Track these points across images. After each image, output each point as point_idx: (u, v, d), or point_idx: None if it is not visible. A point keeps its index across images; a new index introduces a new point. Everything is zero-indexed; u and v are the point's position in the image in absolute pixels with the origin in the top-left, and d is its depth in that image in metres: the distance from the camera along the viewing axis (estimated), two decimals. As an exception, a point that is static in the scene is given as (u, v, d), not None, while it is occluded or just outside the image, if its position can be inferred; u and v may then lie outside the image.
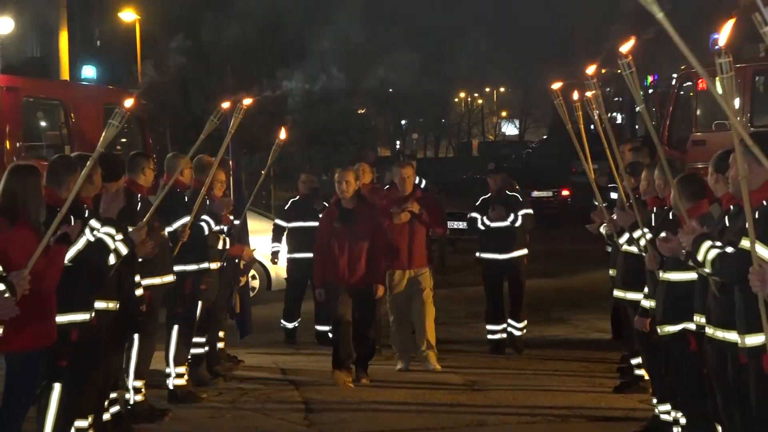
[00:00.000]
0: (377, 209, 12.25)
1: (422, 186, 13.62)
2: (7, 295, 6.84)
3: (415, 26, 31.92)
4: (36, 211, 7.61)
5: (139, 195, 9.96)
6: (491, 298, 13.75)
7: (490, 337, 13.60)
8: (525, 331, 13.70)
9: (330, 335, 12.69)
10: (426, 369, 12.40)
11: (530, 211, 13.61)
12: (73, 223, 7.93)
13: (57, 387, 8.08)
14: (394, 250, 12.27)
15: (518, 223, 13.39)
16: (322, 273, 12.00)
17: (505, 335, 13.54)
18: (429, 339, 12.50)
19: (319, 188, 15.32)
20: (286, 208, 14.79)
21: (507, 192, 13.60)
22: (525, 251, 13.71)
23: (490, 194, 13.58)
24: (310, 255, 12.84)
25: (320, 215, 13.02)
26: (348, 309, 11.80)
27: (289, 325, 14.55)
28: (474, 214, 13.63)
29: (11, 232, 7.45)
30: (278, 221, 14.85)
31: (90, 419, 8.66)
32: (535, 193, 32.61)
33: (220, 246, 11.68)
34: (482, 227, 13.51)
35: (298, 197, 14.68)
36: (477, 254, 13.91)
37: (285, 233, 14.52)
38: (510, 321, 13.60)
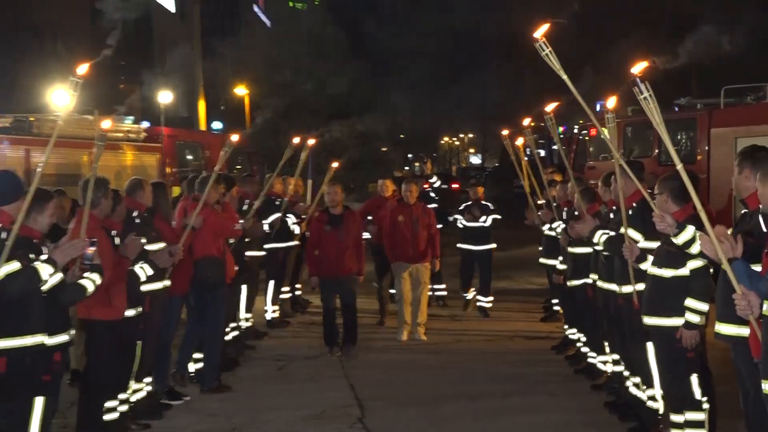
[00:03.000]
0: (359, 216, 10.34)
1: (440, 185, 13.18)
2: (167, 256, 6.95)
3: (422, 92, 32.71)
4: (165, 209, 7.60)
5: (247, 200, 10.04)
6: (464, 275, 12.49)
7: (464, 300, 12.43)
8: (491, 305, 12.17)
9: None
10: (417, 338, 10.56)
11: (498, 216, 12.13)
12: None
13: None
14: (402, 247, 10.46)
15: (488, 224, 12.10)
16: (314, 266, 9.88)
17: (470, 297, 12.29)
18: (421, 318, 10.60)
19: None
20: None
21: (482, 201, 12.17)
22: (494, 245, 12.21)
23: (471, 201, 12.23)
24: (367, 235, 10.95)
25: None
26: (332, 302, 9.88)
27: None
28: (457, 216, 12.34)
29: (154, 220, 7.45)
30: None
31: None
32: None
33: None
34: (461, 226, 12.27)
35: None
36: (458, 245, 12.32)
37: None
38: (479, 297, 12.18)
